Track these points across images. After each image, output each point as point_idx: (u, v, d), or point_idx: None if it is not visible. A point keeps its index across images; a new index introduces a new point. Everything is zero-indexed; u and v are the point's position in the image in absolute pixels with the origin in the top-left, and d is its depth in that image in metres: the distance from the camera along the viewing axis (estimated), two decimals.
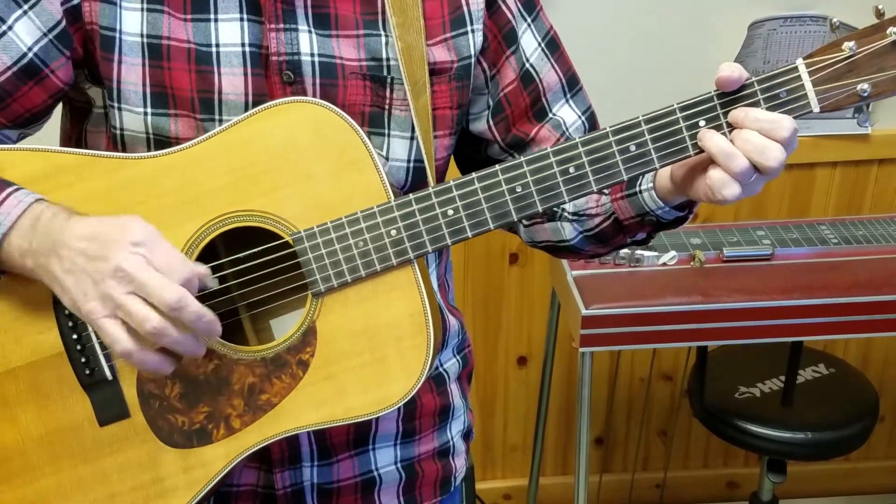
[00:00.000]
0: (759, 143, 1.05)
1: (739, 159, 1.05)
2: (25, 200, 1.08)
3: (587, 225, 1.28)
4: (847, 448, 2.46)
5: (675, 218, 1.21)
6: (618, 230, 1.25)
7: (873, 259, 2.28)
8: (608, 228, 1.26)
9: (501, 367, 2.84)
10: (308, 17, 1.16)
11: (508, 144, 1.29)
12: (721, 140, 1.07)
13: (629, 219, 1.23)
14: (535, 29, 1.28)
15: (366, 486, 1.32)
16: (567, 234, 1.31)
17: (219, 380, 1.13)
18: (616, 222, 1.24)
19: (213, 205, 1.11)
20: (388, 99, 1.19)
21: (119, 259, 1.02)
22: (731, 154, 1.05)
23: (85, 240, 1.04)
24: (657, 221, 1.21)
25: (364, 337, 1.12)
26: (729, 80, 1.06)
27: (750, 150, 1.05)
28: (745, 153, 1.05)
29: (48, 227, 1.06)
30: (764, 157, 1.05)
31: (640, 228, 1.24)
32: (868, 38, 1.06)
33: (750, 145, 1.05)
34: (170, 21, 1.14)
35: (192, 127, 1.15)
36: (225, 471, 1.14)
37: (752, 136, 1.06)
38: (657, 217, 1.20)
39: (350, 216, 1.11)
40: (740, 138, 1.06)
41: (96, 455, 1.15)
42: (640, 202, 1.20)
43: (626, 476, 2.95)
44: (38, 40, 1.13)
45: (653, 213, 1.20)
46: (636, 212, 1.21)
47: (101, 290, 1.03)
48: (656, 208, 1.19)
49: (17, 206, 1.07)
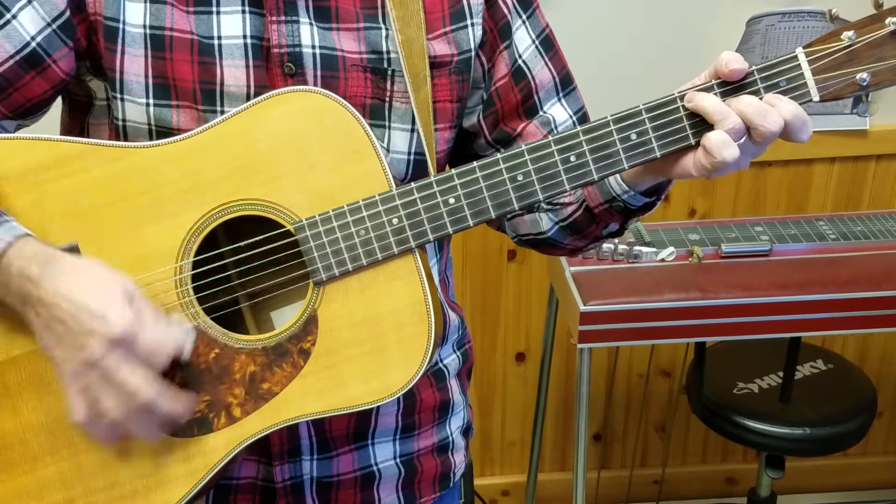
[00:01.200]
0: (760, 107, 1.06)
1: (733, 117, 1.06)
2: (5, 238, 1.06)
3: (561, 214, 1.29)
4: (845, 444, 2.46)
5: (644, 204, 1.22)
6: (590, 219, 1.26)
7: (871, 255, 2.28)
8: (580, 218, 1.27)
9: (500, 364, 2.85)
10: (309, 10, 1.17)
11: (495, 139, 1.30)
12: (715, 99, 1.07)
13: (598, 206, 1.23)
14: (530, 26, 1.29)
15: (365, 480, 1.32)
16: (544, 225, 1.31)
17: (220, 368, 1.13)
18: (587, 210, 1.25)
19: (215, 194, 1.12)
20: (388, 91, 1.19)
21: (96, 356, 1.02)
22: (725, 112, 1.06)
23: (58, 311, 1.03)
24: (625, 208, 1.22)
25: (365, 325, 1.13)
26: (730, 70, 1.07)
27: (750, 112, 1.06)
28: (743, 114, 1.06)
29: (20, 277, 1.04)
30: (765, 121, 1.06)
31: (611, 217, 1.24)
32: (867, 27, 1.07)
33: (751, 108, 1.06)
34: (173, 12, 1.14)
35: (194, 118, 1.15)
36: (225, 460, 1.14)
37: (752, 99, 1.07)
38: (625, 203, 1.21)
39: (352, 204, 1.11)
40: (741, 102, 1.07)
41: (97, 444, 1.15)
42: (607, 187, 1.20)
43: (625, 472, 2.95)
44: (42, 30, 1.13)
45: (619, 199, 1.20)
46: (604, 198, 1.22)
47: (73, 368, 1.04)
48: (622, 192, 1.19)
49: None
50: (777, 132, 1.06)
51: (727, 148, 1.06)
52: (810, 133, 1.08)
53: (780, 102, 1.07)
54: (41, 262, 1.05)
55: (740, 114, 1.06)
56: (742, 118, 1.06)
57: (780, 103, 1.07)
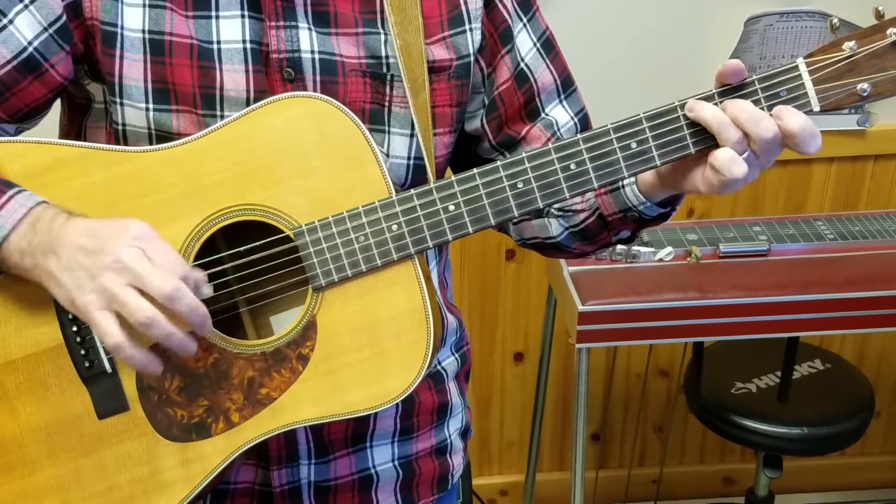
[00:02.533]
0: (754, 113, 1.05)
1: (733, 129, 1.05)
2: (26, 203, 1.08)
3: (572, 221, 1.28)
4: (843, 443, 2.47)
5: (659, 214, 1.21)
6: (602, 227, 1.26)
7: (869, 255, 2.28)
8: (592, 225, 1.26)
9: (498, 364, 2.84)
10: (308, 15, 1.16)
11: (499, 143, 1.29)
12: (715, 109, 1.07)
13: (612, 215, 1.23)
14: (531, 29, 1.29)
15: (363, 483, 1.31)
16: (553, 230, 1.31)
17: (218, 374, 1.13)
18: (600, 218, 1.25)
19: (215, 199, 1.12)
20: (387, 96, 1.19)
21: (118, 251, 1.03)
22: (725, 123, 1.06)
23: (84, 236, 1.05)
24: (640, 218, 1.21)
25: (364, 331, 1.13)
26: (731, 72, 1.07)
27: (744, 118, 1.05)
28: (737, 120, 1.05)
29: (48, 228, 1.07)
30: (758, 127, 1.05)
31: (624, 225, 1.24)
32: (868, 38, 1.06)
33: (745, 114, 1.05)
34: (172, 17, 1.14)
35: (193, 122, 1.15)
36: (223, 465, 1.14)
37: (747, 105, 1.06)
38: (640, 213, 1.20)
39: (351, 210, 1.11)
40: (736, 107, 1.06)
41: (95, 448, 1.15)
42: (623, 198, 1.20)
43: (623, 472, 2.95)
44: (39, 35, 1.13)
45: (635, 209, 1.20)
46: (619, 207, 1.21)
47: (97, 283, 1.03)
48: (638, 204, 1.19)
49: (19, 210, 1.07)
50: (770, 139, 1.05)
51: (736, 165, 1.05)
52: (819, 145, 1.07)
53: (788, 114, 1.05)
54: (68, 215, 1.08)
55: (735, 119, 1.06)
56: (736, 124, 1.06)
57: (788, 115, 1.05)
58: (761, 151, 1.06)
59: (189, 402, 1.14)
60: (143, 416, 1.14)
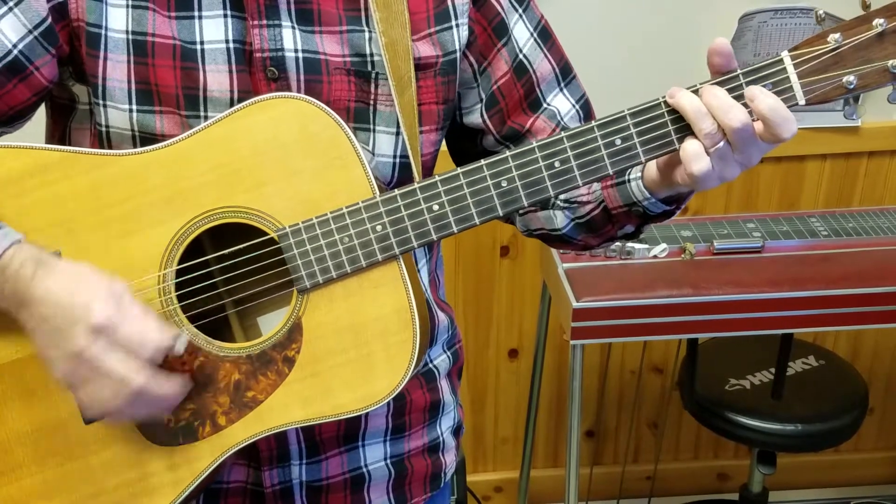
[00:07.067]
0: (725, 101, 1.05)
1: (709, 119, 1.05)
2: (1, 245, 1.06)
3: (578, 212, 1.28)
4: (837, 440, 2.47)
5: (663, 211, 1.21)
6: (606, 220, 1.25)
7: (863, 251, 2.29)
8: (598, 217, 1.26)
9: (492, 360, 2.84)
10: (291, 14, 1.16)
11: (504, 136, 1.29)
12: (695, 98, 1.06)
13: (617, 208, 1.22)
14: (527, 19, 1.28)
15: (355, 482, 1.31)
16: (559, 222, 1.30)
17: (204, 377, 1.13)
18: (605, 211, 1.24)
19: (198, 201, 1.11)
20: (372, 94, 1.18)
21: (80, 345, 1.03)
22: (702, 113, 1.05)
23: (48, 305, 1.04)
24: (644, 213, 1.21)
25: (350, 333, 1.12)
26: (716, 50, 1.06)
27: (715, 105, 1.04)
28: (710, 107, 1.05)
29: (15, 277, 1.06)
30: (727, 116, 1.04)
31: (628, 219, 1.24)
32: (854, 29, 1.05)
33: (716, 101, 1.05)
34: (155, 17, 1.13)
35: (177, 123, 1.14)
36: (211, 468, 1.14)
37: (720, 92, 1.05)
38: (644, 208, 1.20)
39: (335, 212, 1.11)
40: (709, 93, 1.05)
41: (81, 453, 1.15)
42: (628, 191, 1.19)
43: (617, 468, 2.96)
44: (24, 37, 1.12)
45: (640, 204, 1.19)
46: (624, 201, 1.21)
47: (66, 366, 1.04)
48: (643, 198, 1.19)
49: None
50: (739, 129, 1.04)
51: (696, 161, 1.05)
52: (794, 131, 1.05)
53: (760, 95, 1.04)
54: (34, 264, 1.06)
55: (708, 106, 1.05)
56: (710, 111, 1.05)
57: (760, 95, 1.04)
58: (735, 143, 1.05)
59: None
60: (128, 421, 1.14)
